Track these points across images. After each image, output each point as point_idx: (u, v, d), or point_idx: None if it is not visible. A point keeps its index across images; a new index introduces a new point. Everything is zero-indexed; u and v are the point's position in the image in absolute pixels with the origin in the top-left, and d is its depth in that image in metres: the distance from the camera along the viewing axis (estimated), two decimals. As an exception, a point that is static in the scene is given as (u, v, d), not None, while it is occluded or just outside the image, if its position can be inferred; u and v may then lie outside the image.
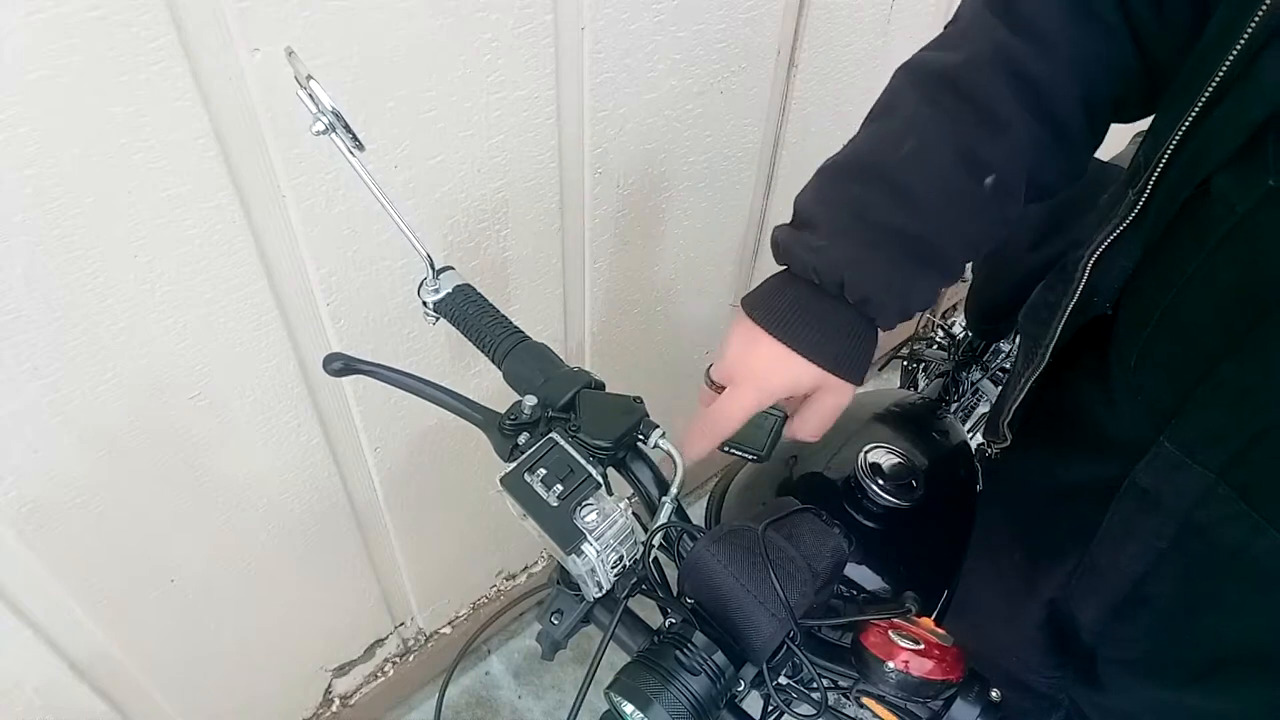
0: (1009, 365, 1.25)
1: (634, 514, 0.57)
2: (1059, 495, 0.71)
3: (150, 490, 0.92)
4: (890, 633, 0.55)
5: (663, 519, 0.59)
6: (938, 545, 0.75)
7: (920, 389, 1.40)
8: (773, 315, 0.63)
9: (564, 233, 1.12)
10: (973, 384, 1.27)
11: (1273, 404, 0.50)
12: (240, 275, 0.84)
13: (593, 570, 0.55)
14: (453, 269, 0.67)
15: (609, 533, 0.54)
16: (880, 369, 2.06)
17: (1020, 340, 0.75)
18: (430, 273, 0.65)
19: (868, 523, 0.71)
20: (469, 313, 0.65)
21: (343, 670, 1.40)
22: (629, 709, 0.51)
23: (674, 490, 0.60)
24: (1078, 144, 0.62)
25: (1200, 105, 0.51)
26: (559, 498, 0.55)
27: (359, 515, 1.20)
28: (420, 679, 1.55)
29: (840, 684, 0.58)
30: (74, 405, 0.81)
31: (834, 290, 0.60)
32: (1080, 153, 0.63)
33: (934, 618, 0.70)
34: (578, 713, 0.59)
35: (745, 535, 0.55)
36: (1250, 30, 0.47)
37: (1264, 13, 0.46)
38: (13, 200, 0.67)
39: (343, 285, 0.93)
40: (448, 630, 1.54)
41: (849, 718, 0.60)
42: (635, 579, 0.58)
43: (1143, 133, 0.61)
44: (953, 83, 0.61)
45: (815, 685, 0.54)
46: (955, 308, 2.08)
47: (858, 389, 0.65)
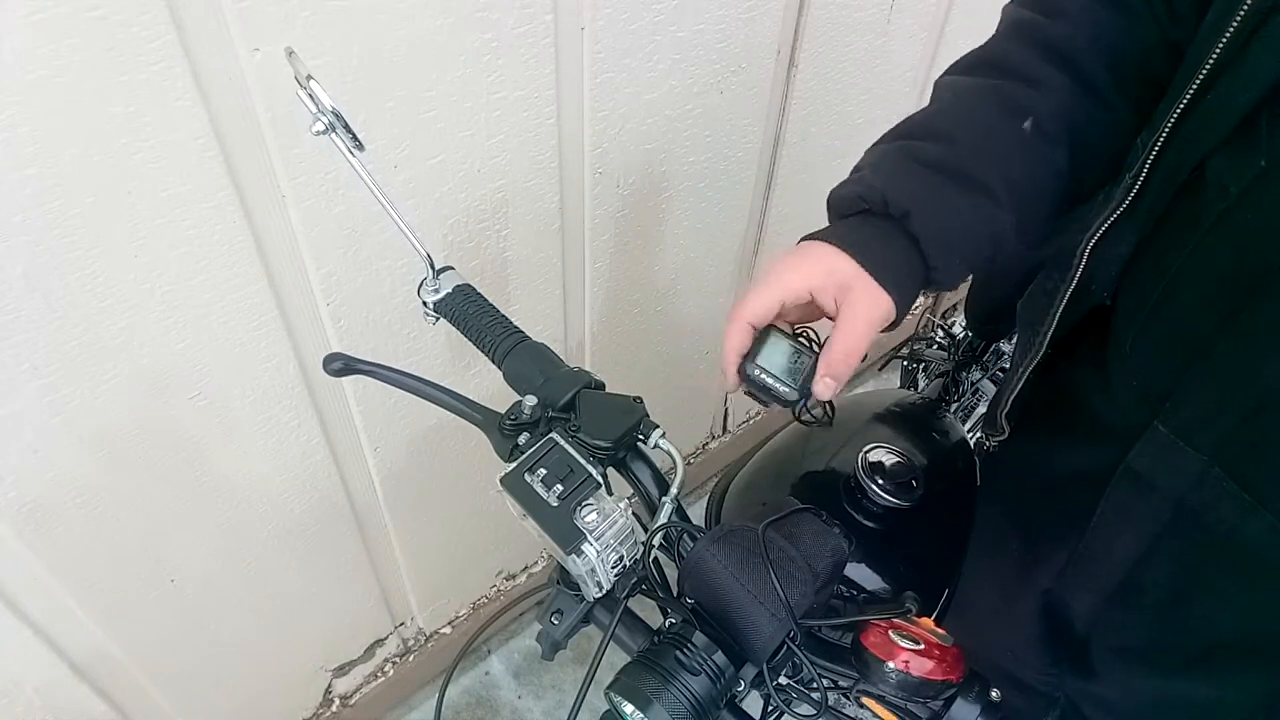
0: (1008, 365, 1.25)
1: (634, 514, 0.57)
2: (1054, 484, 0.71)
3: (150, 490, 0.92)
4: (890, 633, 0.55)
5: (663, 519, 0.59)
6: (938, 545, 0.75)
7: (920, 389, 1.40)
8: (815, 232, 0.64)
9: (564, 233, 1.12)
10: (973, 384, 1.27)
11: (1263, 382, 0.51)
12: (240, 275, 0.84)
13: (593, 570, 0.55)
14: (453, 269, 0.67)
15: (609, 533, 0.54)
16: (880, 369, 2.07)
17: (1018, 331, 0.75)
18: (430, 273, 0.65)
19: (868, 523, 0.71)
20: (469, 313, 0.65)
21: (343, 670, 1.40)
22: (629, 709, 0.51)
23: (674, 490, 0.60)
24: (1112, 103, 0.62)
25: (1194, 89, 0.52)
26: (559, 498, 0.55)
27: (359, 515, 1.20)
28: (420, 679, 1.55)
29: (840, 684, 0.58)
30: (74, 405, 0.81)
31: (879, 207, 0.60)
32: (1118, 113, 0.62)
33: (934, 618, 0.70)
34: (578, 713, 0.59)
35: (745, 535, 0.55)
36: (1242, 14, 0.48)
37: None
38: (13, 200, 0.67)
39: (343, 285, 0.93)
40: (448, 630, 1.54)
41: (849, 718, 0.60)
42: (635, 579, 0.58)
43: None
44: (981, 60, 0.64)
45: (815, 685, 0.54)
46: (955, 308, 2.08)
47: (896, 317, 0.61)
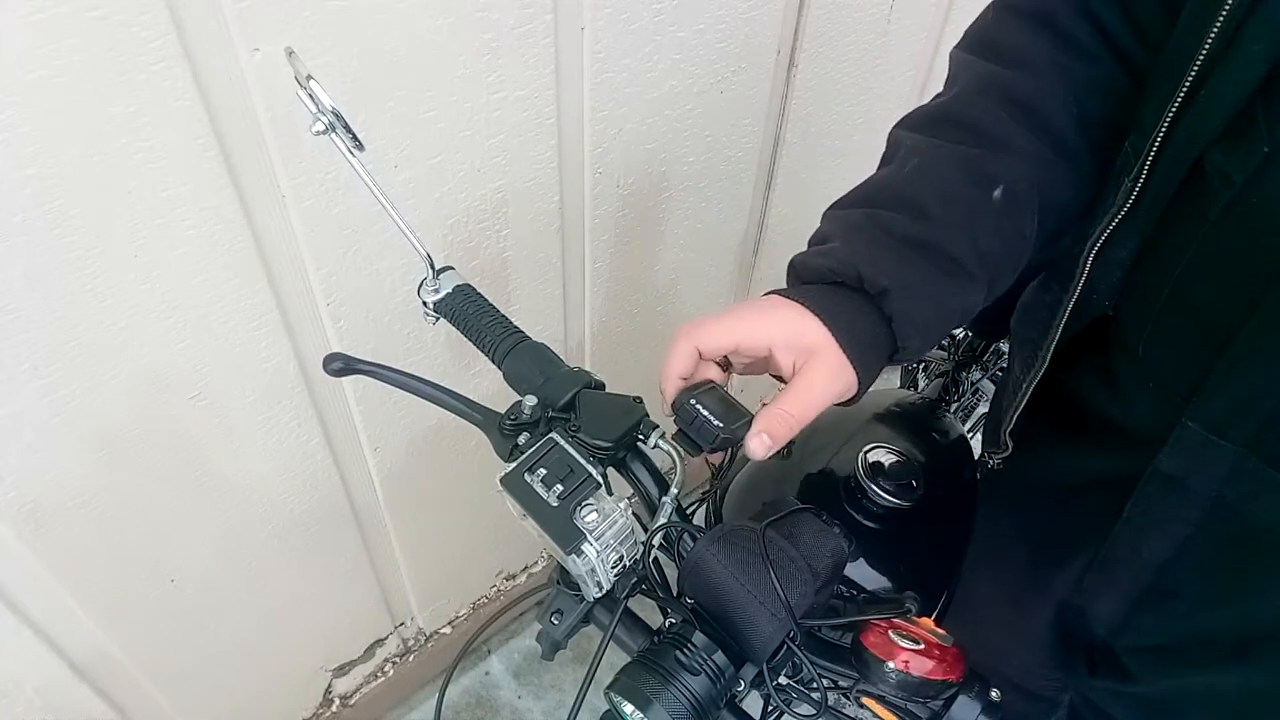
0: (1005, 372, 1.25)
1: (634, 514, 0.57)
2: (1067, 493, 0.70)
3: (150, 490, 0.92)
4: (890, 633, 0.55)
5: (663, 519, 0.59)
6: (938, 545, 0.75)
7: (920, 389, 1.39)
8: (783, 290, 0.60)
9: (564, 232, 1.12)
10: (973, 384, 1.27)
11: None
12: (240, 275, 0.84)
13: (593, 570, 0.55)
14: (453, 269, 0.67)
15: (609, 533, 0.54)
16: (880, 369, 2.06)
17: (1013, 346, 0.74)
18: (430, 273, 0.65)
19: (868, 523, 0.71)
20: (469, 313, 0.65)
21: (343, 670, 1.40)
22: (629, 709, 0.51)
23: (674, 490, 0.60)
24: (1080, 160, 0.61)
25: (1187, 86, 0.51)
26: (559, 498, 0.55)
27: (359, 515, 1.20)
28: (420, 679, 1.55)
29: (840, 684, 0.58)
30: (74, 405, 0.81)
31: (853, 282, 0.58)
32: (1084, 169, 0.62)
33: (934, 618, 0.70)
34: (578, 713, 0.59)
35: (745, 535, 0.55)
36: (1228, 6, 0.48)
37: None
38: (13, 200, 0.67)
39: (343, 285, 0.93)
40: (448, 630, 1.54)
41: (849, 718, 0.60)
42: (635, 579, 0.58)
43: None
44: (946, 117, 0.63)
45: (815, 685, 0.54)
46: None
47: (854, 395, 0.59)
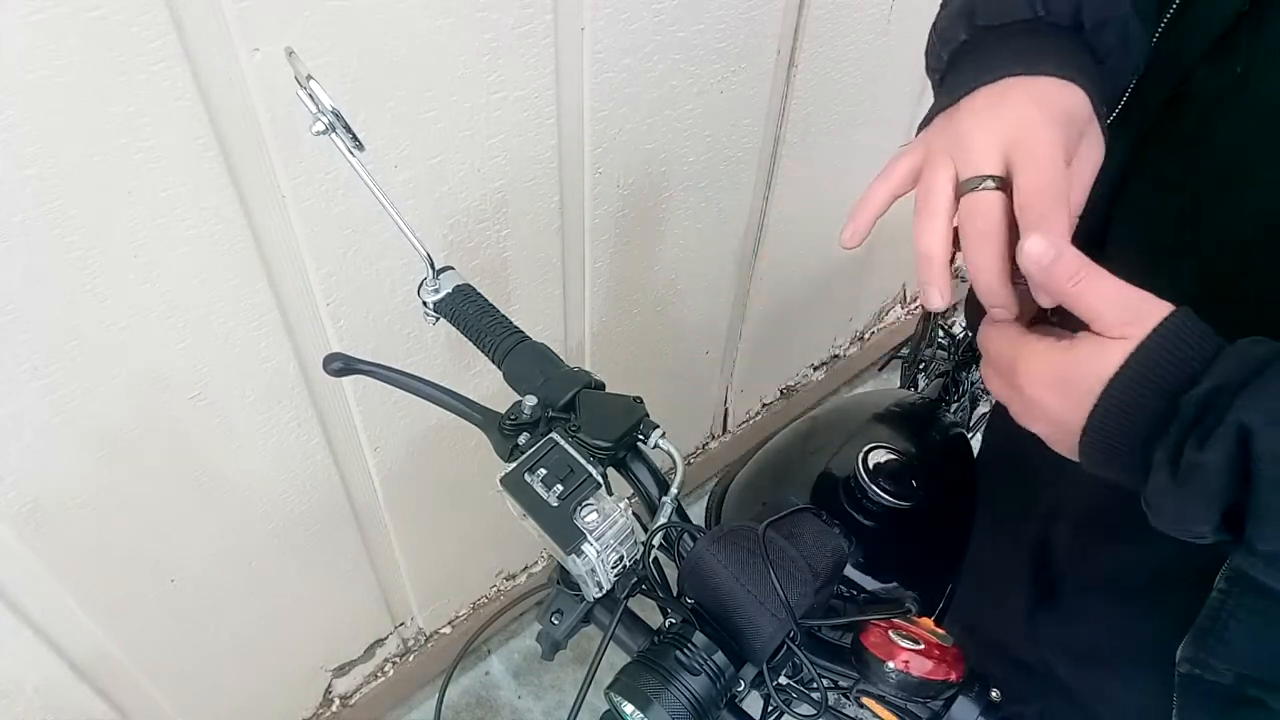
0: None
1: (634, 514, 0.57)
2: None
3: (150, 490, 0.92)
4: (890, 633, 0.54)
5: (663, 519, 0.59)
6: (938, 545, 0.75)
7: (920, 389, 1.39)
8: (998, 61, 0.49)
9: (564, 233, 1.12)
10: (973, 384, 1.27)
11: (1218, 295, 0.48)
12: (240, 275, 0.84)
13: (593, 570, 0.55)
14: (453, 269, 0.67)
15: (609, 533, 0.54)
16: (880, 369, 2.07)
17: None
18: (430, 273, 0.65)
19: (868, 523, 0.71)
20: (469, 313, 0.65)
21: (343, 670, 1.40)
22: (629, 709, 0.51)
23: (674, 490, 0.60)
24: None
25: (1178, 2, 0.51)
26: (559, 498, 0.55)
27: (359, 515, 1.20)
28: (420, 679, 1.55)
29: (840, 684, 0.58)
30: (74, 405, 0.80)
31: (1067, 18, 0.49)
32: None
33: (934, 618, 0.70)
34: (578, 713, 0.59)
35: (745, 535, 0.55)
36: None
37: None
38: (13, 200, 0.67)
39: (343, 285, 0.93)
40: (448, 630, 1.54)
41: (849, 718, 0.60)
42: (635, 579, 0.58)
43: None
44: None
45: (815, 685, 0.54)
46: (955, 308, 2.08)
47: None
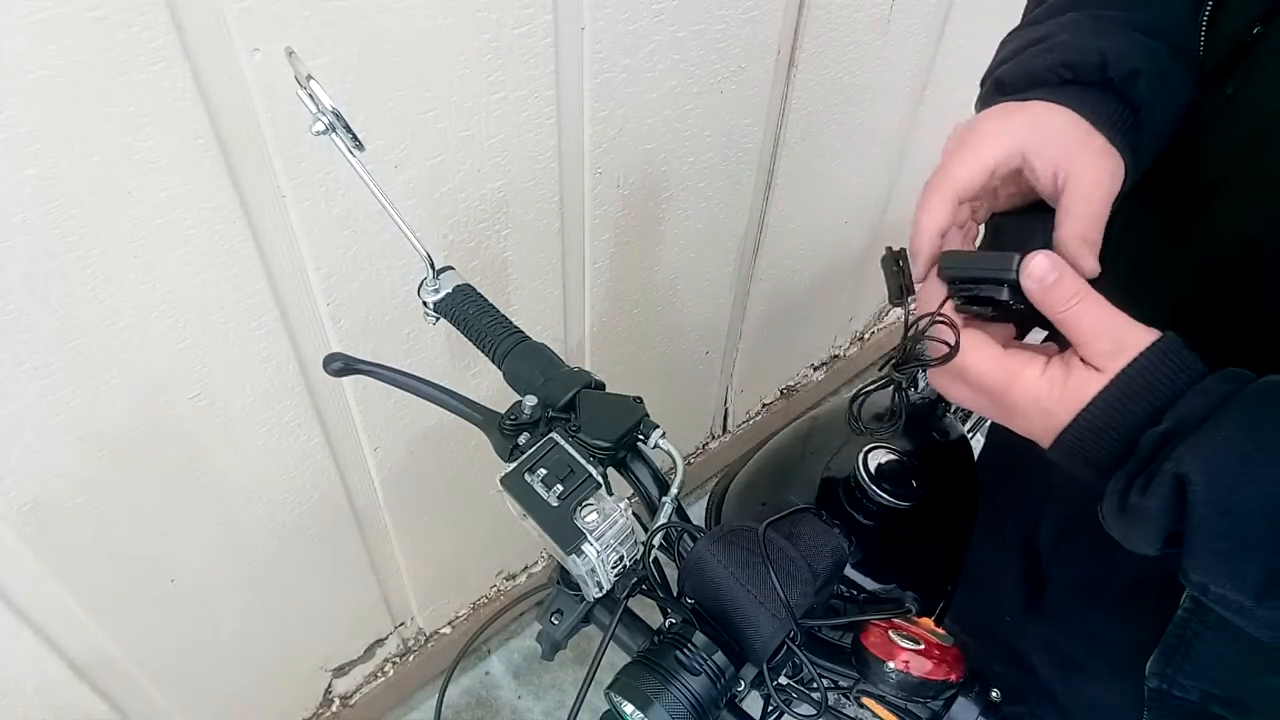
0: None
1: (634, 514, 0.57)
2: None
3: (150, 490, 0.92)
4: (890, 633, 0.55)
5: (663, 519, 0.59)
6: (938, 545, 0.75)
7: (920, 389, 1.39)
8: (997, 104, 0.51)
9: (564, 233, 1.12)
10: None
11: (1183, 316, 0.49)
12: (240, 275, 0.84)
13: (593, 570, 0.55)
14: (453, 269, 0.67)
15: (609, 533, 0.54)
16: (880, 369, 2.06)
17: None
18: (430, 273, 0.65)
19: (868, 523, 0.71)
20: (469, 313, 0.65)
21: (343, 670, 1.40)
22: (629, 709, 0.51)
23: (674, 490, 0.60)
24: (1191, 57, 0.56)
25: (1209, 10, 0.52)
26: (559, 498, 0.55)
27: (359, 515, 1.20)
28: (420, 679, 1.55)
29: (840, 684, 0.58)
30: (74, 405, 0.80)
31: (1092, 72, 0.49)
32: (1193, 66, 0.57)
33: (934, 618, 0.70)
34: (578, 713, 0.59)
35: (745, 535, 0.55)
36: None
37: None
38: (13, 200, 0.67)
39: (343, 285, 0.93)
40: (448, 630, 1.54)
41: (849, 718, 0.60)
42: (635, 579, 0.58)
43: None
44: None
45: (815, 685, 0.54)
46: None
47: (1124, 182, 0.50)
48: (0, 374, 0.75)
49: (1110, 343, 0.44)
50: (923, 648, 0.53)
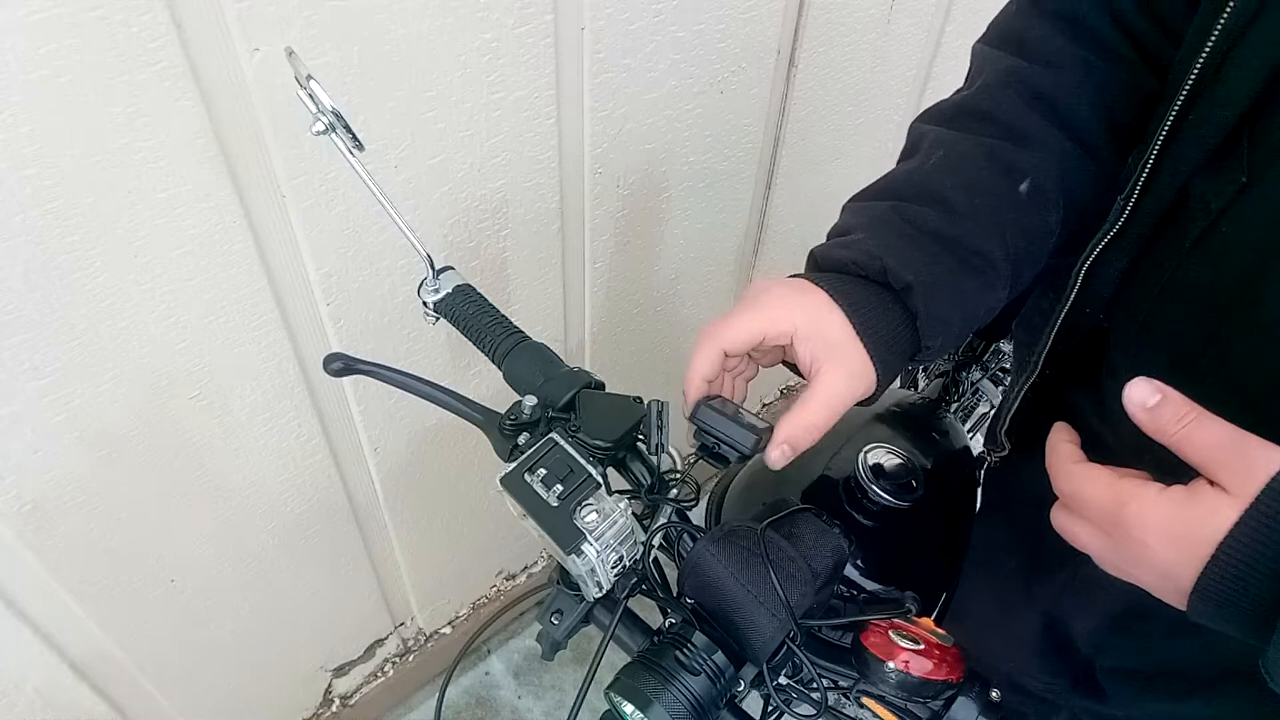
0: (1008, 365, 1.25)
1: (634, 514, 0.57)
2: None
3: (150, 490, 0.92)
4: (890, 633, 0.55)
5: (663, 519, 0.59)
6: (938, 545, 0.75)
7: (920, 389, 1.40)
8: (807, 274, 0.57)
9: (564, 233, 1.12)
10: (973, 384, 1.27)
11: (1248, 396, 0.50)
12: (240, 275, 0.84)
13: (593, 570, 0.55)
14: (453, 269, 0.67)
15: (609, 533, 0.54)
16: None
17: (1014, 349, 0.74)
18: (430, 273, 0.65)
19: (868, 523, 0.71)
20: (469, 313, 0.65)
21: (343, 670, 1.40)
22: (629, 709, 0.51)
23: (674, 490, 0.60)
24: (1105, 159, 0.60)
25: (1176, 110, 0.51)
26: (559, 498, 0.55)
27: (359, 515, 1.20)
28: (420, 679, 1.55)
29: (840, 684, 0.58)
30: (74, 405, 0.80)
31: (877, 275, 0.55)
32: (1109, 166, 0.60)
33: (934, 618, 0.70)
34: (578, 713, 0.59)
35: (745, 535, 0.55)
36: (1216, 34, 0.47)
37: (1229, 13, 0.47)
38: (13, 200, 0.67)
39: (343, 285, 0.93)
40: (448, 630, 1.54)
41: (849, 718, 0.60)
42: (635, 579, 0.58)
43: None
44: (971, 110, 0.60)
45: (815, 685, 0.54)
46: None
47: (872, 396, 0.56)
48: (0, 374, 0.75)
49: (1238, 459, 0.41)
50: (923, 648, 0.53)
